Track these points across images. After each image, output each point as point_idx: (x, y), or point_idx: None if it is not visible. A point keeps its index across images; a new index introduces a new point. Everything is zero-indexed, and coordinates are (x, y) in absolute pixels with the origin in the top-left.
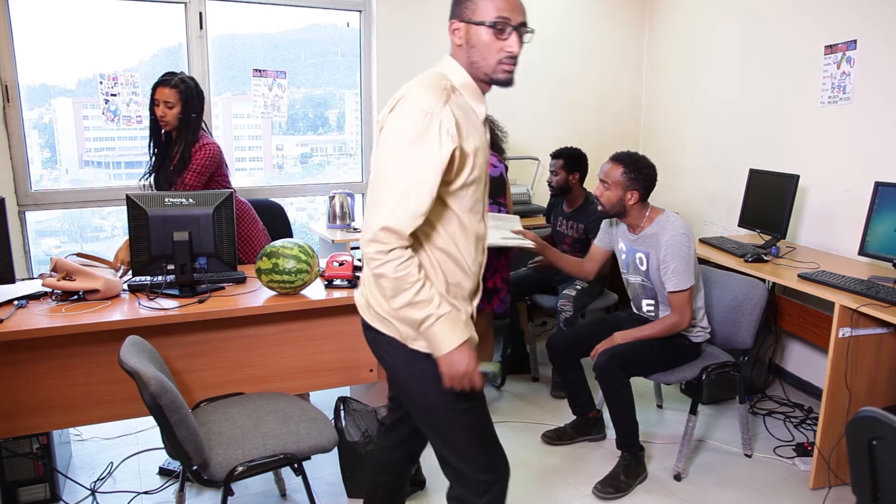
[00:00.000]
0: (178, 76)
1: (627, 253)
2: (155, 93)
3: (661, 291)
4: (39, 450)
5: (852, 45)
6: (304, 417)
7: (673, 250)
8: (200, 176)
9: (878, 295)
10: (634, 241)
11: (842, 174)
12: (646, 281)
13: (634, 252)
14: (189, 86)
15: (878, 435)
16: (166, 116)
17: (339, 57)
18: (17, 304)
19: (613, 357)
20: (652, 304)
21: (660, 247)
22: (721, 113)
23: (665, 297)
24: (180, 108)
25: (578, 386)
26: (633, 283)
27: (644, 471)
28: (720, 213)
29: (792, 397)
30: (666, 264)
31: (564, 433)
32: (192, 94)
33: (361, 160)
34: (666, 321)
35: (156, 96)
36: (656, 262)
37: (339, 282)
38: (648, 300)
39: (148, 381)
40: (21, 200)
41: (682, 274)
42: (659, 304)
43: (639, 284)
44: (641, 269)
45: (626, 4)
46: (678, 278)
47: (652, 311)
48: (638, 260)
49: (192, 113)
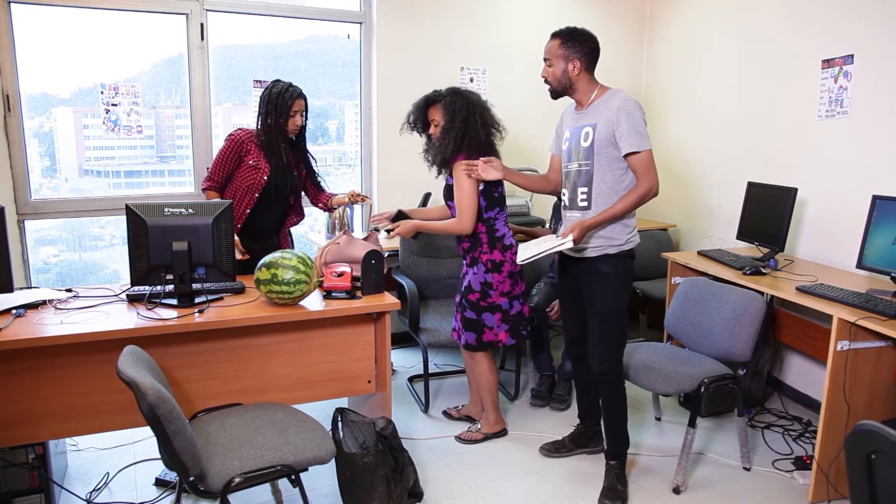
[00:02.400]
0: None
1: (571, 136)
2: (295, 104)
3: (601, 170)
4: (35, 460)
5: (849, 60)
6: (301, 428)
7: (626, 111)
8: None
9: (877, 308)
10: (580, 118)
11: (840, 187)
12: (585, 163)
13: (580, 130)
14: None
15: (876, 448)
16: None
17: (340, 68)
18: (16, 314)
19: (604, 359)
20: (585, 191)
21: (610, 111)
22: (719, 126)
23: (602, 183)
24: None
25: (593, 388)
26: (572, 171)
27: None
28: (719, 226)
29: (791, 410)
30: (620, 127)
31: (563, 445)
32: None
33: (361, 171)
34: (636, 191)
35: (295, 107)
36: (604, 131)
37: (337, 293)
38: (583, 188)
39: (146, 391)
40: (20, 209)
41: (638, 135)
42: (592, 192)
43: (576, 172)
44: (584, 147)
45: (624, 19)
46: (634, 139)
47: (585, 200)
48: (583, 136)
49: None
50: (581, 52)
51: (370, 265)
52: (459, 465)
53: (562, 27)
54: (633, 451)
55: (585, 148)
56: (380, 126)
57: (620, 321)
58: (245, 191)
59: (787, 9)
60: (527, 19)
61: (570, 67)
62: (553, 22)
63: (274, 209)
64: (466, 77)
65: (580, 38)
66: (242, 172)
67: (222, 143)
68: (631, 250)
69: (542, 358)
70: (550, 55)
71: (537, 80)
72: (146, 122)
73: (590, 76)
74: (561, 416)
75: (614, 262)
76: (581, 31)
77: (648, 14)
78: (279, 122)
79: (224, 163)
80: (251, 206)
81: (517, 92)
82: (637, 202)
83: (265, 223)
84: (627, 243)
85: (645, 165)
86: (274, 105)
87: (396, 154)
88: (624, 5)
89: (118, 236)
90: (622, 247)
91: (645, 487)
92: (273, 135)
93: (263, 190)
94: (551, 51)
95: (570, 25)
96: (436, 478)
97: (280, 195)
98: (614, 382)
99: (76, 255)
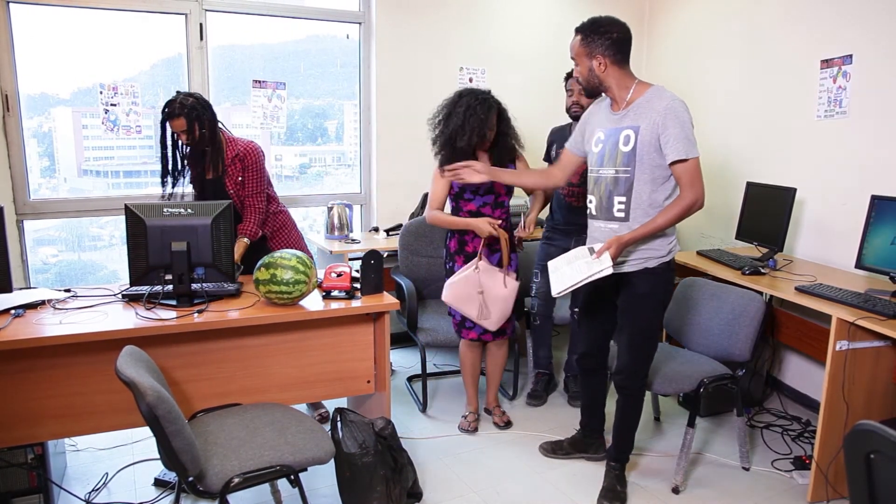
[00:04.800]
0: (177, 102)
1: (607, 138)
2: (169, 127)
3: (643, 179)
4: (34, 460)
5: (848, 60)
6: (300, 428)
7: (674, 113)
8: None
9: (876, 308)
10: (619, 120)
11: (839, 187)
12: (624, 169)
13: (619, 132)
14: (192, 105)
15: (875, 448)
16: (189, 140)
17: (339, 68)
18: (14, 314)
19: (630, 375)
20: (623, 201)
21: (655, 113)
22: (718, 126)
23: (644, 192)
24: (197, 127)
25: (598, 402)
26: (605, 178)
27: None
28: (718, 226)
29: (790, 410)
30: (667, 131)
31: (560, 447)
32: (199, 111)
33: (360, 171)
34: (680, 203)
35: (172, 130)
36: (649, 134)
37: (336, 293)
38: (620, 197)
39: (145, 392)
40: (19, 209)
41: (687, 141)
42: (631, 202)
43: (611, 179)
44: (624, 151)
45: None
46: (683, 145)
47: (623, 210)
48: (623, 140)
49: (206, 126)
50: (604, 45)
51: (369, 265)
52: (459, 465)
53: (584, 21)
54: (633, 452)
55: (626, 153)
56: (379, 126)
57: (652, 339)
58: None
59: (786, 9)
60: (526, 19)
61: (596, 64)
62: (552, 22)
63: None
64: (465, 77)
65: (601, 31)
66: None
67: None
68: (671, 262)
69: (541, 355)
70: (574, 53)
71: (537, 81)
72: (145, 122)
73: (622, 70)
74: (560, 417)
75: (654, 279)
76: (603, 20)
77: (648, 14)
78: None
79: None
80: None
81: (516, 92)
82: (680, 216)
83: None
84: (669, 254)
85: (692, 175)
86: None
87: (395, 154)
88: (623, 5)
89: (117, 236)
90: (663, 259)
91: (644, 487)
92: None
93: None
94: (574, 48)
95: (592, 17)
96: (435, 478)
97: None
98: (635, 396)
99: (75, 256)
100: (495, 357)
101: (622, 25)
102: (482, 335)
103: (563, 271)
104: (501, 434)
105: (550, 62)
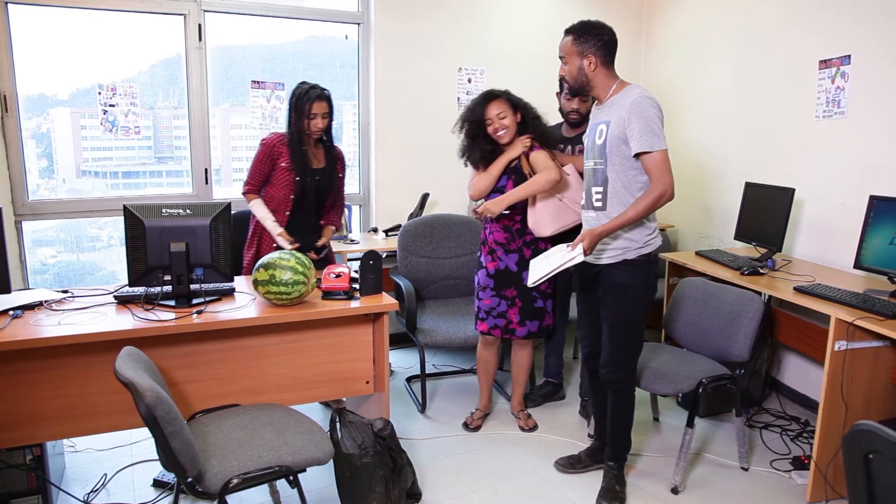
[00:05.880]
0: (318, 86)
1: (590, 133)
2: (313, 107)
3: (614, 170)
4: (32, 461)
5: (846, 60)
6: (299, 429)
7: (638, 108)
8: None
9: (874, 308)
10: (598, 114)
11: (837, 188)
12: (599, 161)
13: (596, 126)
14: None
15: (874, 448)
16: (321, 126)
17: (338, 69)
18: (13, 315)
19: (615, 368)
20: (600, 191)
21: (623, 108)
22: (717, 127)
23: (617, 182)
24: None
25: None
26: (588, 169)
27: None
28: (716, 226)
29: (789, 410)
30: (631, 125)
31: (578, 461)
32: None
33: (359, 171)
34: (649, 195)
35: (314, 110)
36: (617, 128)
37: (335, 293)
38: (597, 187)
39: (143, 392)
40: (18, 210)
41: (650, 134)
42: (607, 192)
43: (591, 170)
44: (598, 144)
45: (621, 19)
46: (646, 138)
47: (600, 200)
48: (598, 133)
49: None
50: (595, 46)
51: (368, 266)
52: (458, 465)
53: (574, 22)
54: (632, 452)
55: (599, 146)
56: (378, 126)
57: (635, 332)
58: (282, 192)
59: (785, 9)
60: (525, 19)
61: (586, 64)
62: (551, 22)
63: (311, 210)
64: (464, 78)
65: (593, 32)
66: (277, 174)
67: (217, 144)
68: (651, 254)
69: (551, 363)
70: (565, 53)
71: (536, 81)
72: (144, 122)
73: (608, 71)
74: (560, 417)
75: (632, 270)
76: (594, 23)
77: (646, 14)
78: (299, 124)
79: (259, 167)
80: (290, 208)
81: (515, 92)
82: (650, 207)
83: (304, 224)
84: (647, 245)
85: (658, 167)
86: (293, 107)
87: (395, 154)
88: (622, 5)
89: (116, 237)
90: (641, 250)
91: (643, 487)
92: (295, 137)
93: (296, 191)
94: (565, 48)
95: (582, 20)
96: (434, 478)
97: (317, 196)
98: (624, 391)
99: (74, 256)
100: (518, 358)
101: (610, 29)
102: (501, 332)
103: (540, 265)
104: (501, 434)
105: (549, 63)
